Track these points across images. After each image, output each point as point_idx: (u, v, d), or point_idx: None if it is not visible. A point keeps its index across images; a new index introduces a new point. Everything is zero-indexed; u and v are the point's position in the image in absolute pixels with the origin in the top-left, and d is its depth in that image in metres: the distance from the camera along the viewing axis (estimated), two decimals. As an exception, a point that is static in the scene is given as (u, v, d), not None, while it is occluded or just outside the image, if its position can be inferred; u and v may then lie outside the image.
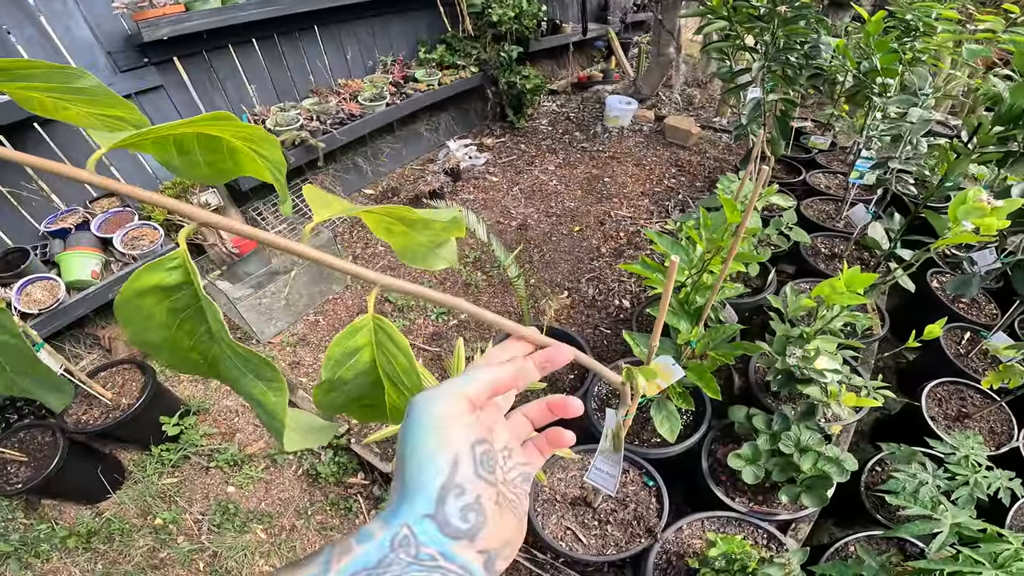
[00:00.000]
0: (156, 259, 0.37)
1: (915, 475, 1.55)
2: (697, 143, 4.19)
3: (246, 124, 0.40)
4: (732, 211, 1.20)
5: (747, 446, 1.64)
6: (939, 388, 2.06)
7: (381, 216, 0.48)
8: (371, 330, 0.43)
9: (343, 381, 0.45)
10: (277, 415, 0.39)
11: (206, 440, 2.20)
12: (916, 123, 2.18)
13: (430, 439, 0.34)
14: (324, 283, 2.78)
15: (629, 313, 2.70)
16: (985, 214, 1.23)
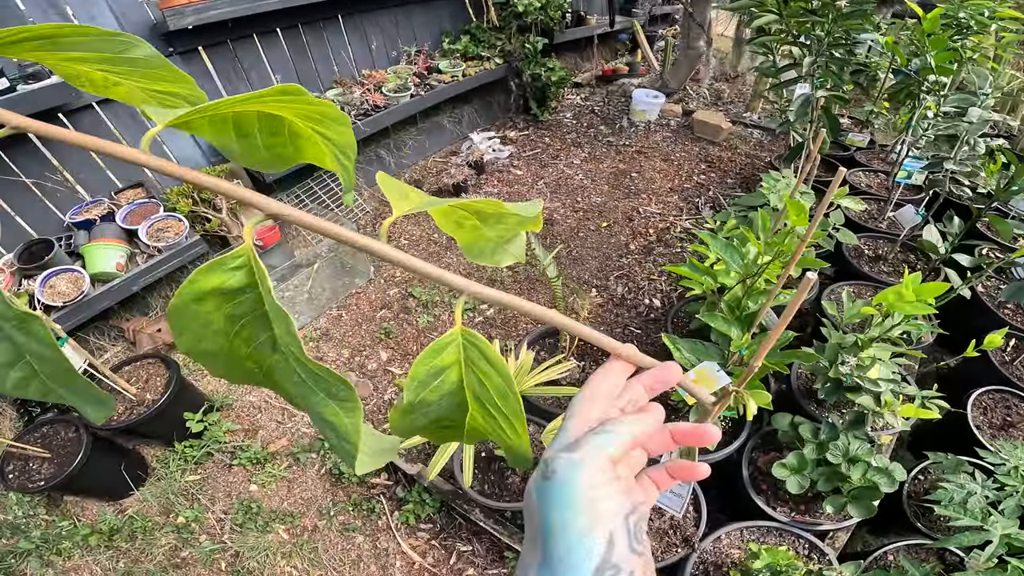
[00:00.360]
0: (218, 257, 0.31)
1: (963, 486, 1.50)
2: (727, 139, 4.07)
3: (315, 100, 0.35)
4: (798, 214, 1.11)
5: (792, 455, 1.58)
6: (984, 396, 1.98)
7: (455, 209, 0.43)
8: (460, 346, 0.39)
9: (426, 403, 0.41)
10: (350, 438, 0.35)
11: (229, 436, 2.16)
12: (975, 123, 2.06)
13: (580, 516, 0.31)
14: (347, 276, 2.73)
15: (660, 313, 2.62)
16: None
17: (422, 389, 0.40)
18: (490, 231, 0.46)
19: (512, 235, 0.48)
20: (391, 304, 2.71)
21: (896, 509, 1.73)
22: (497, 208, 0.43)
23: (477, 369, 0.39)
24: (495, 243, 0.47)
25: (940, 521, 1.70)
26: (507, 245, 0.48)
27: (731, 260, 1.29)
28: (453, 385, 0.40)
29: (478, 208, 0.43)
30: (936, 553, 1.61)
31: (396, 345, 2.52)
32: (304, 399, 0.36)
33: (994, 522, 1.27)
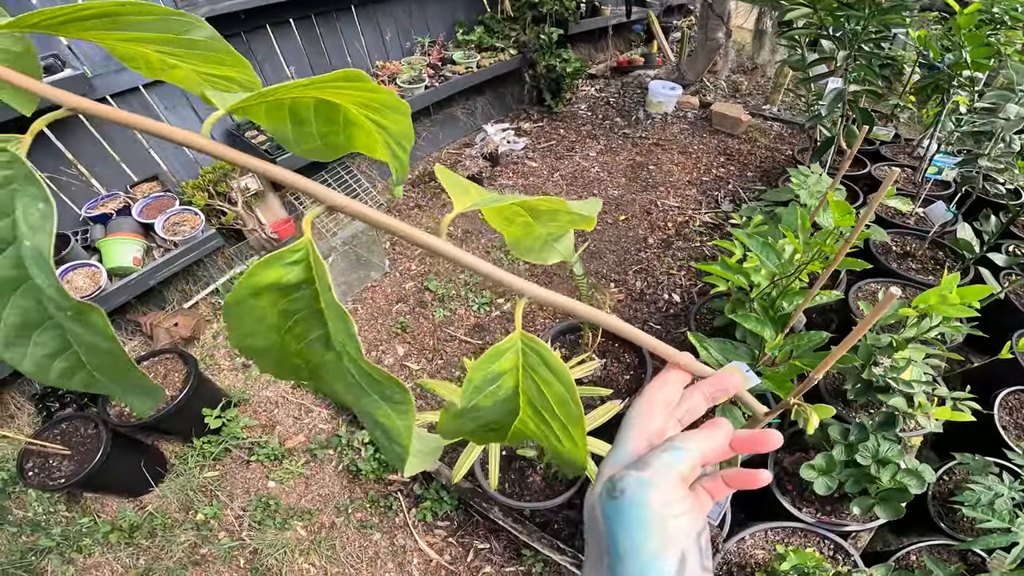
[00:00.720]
0: (277, 251, 0.30)
1: (990, 487, 1.48)
2: (747, 131, 3.99)
3: (376, 87, 0.33)
4: (843, 214, 1.06)
5: (820, 456, 1.54)
6: (1011, 397, 1.94)
7: (512, 206, 0.41)
8: (519, 352, 0.37)
9: (478, 408, 0.39)
10: (401, 440, 0.34)
11: (247, 432, 2.16)
12: (1012, 119, 1.99)
13: (652, 539, 0.30)
14: (362, 270, 2.70)
15: (679, 308, 2.57)
16: None
17: (477, 395, 0.38)
18: (541, 228, 0.45)
19: (561, 233, 0.47)
20: (407, 298, 2.68)
21: (919, 509, 1.70)
22: (554, 205, 0.41)
23: (537, 376, 0.37)
24: (544, 240, 0.46)
25: (963, 522, 1.68)
26: (555, 243, 0.47)
27: (767, 259, 1.24)
28: (508, 391, 0.39)
29: (534, 205, 0.41)
30: (959, 554, 1.59)
31: (413, 339, 2.50)
32: (356, 399, 0.35)
33: (1021, 524, 1.27)
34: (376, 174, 3.33)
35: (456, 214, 0.37)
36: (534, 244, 0.46)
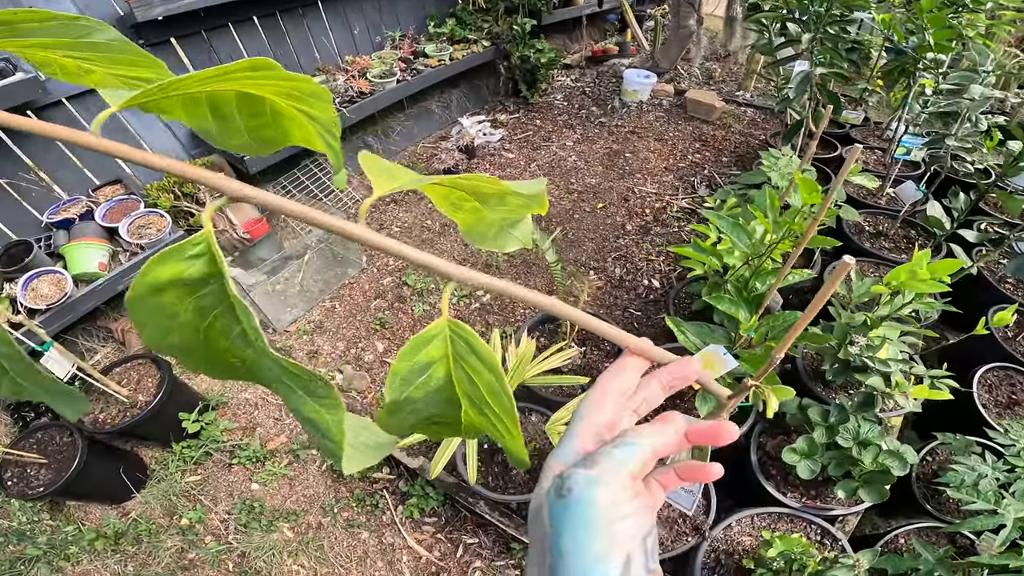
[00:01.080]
0: (172, 245, 0.28)
1: (974, 468, 1.47)
2: (721, 117, 4.02)
3: (289, 75, 0.32)
4: (811, 192, 1.07)
5: (802, 439, 1.54)
6: (989, 374, 1.94)
7: (450, 189, 0.40)
8: (447, 340, 0.35)
9: (412, 401, 0.37)
10: (333, 435, 0.33)
11: (227, 435, 2.12)
12: (977, 100, 2.03)
13: (597, 540, 0.29)
14: (339, 267, 2.66)
15: (659, 294, 2.59)
16: None
17: (406, 387, 0.36)
18: (492, 213, 0.43)
19: (517, 218, 0.44)
20: (385, 293, 2.66)
21: (904, 491, 1.70)
22: (496, 187, 0.39)
23: (466, 365, 0.36)
24: (498, 226, 0.43)
25: (949, 503, 1.67)
26: (512, 229, 0.44)
27: (737, 239, 1.25)
28: (440, 382, 0.37)
29: (475, 187, 0.39)
30: (947, 536, 1.58)
31: (392, 335, 2.47)
32: (285, 397, 0.34)
33: (1007, 505, 1.25)
34: (351, 170, 3.27)
35: (377, 197, 0.35)
36: (487, 231, 0.44)
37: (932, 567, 1.31)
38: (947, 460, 1.75)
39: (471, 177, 0.37)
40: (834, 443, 1.50)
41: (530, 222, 0.45)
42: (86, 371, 1.79)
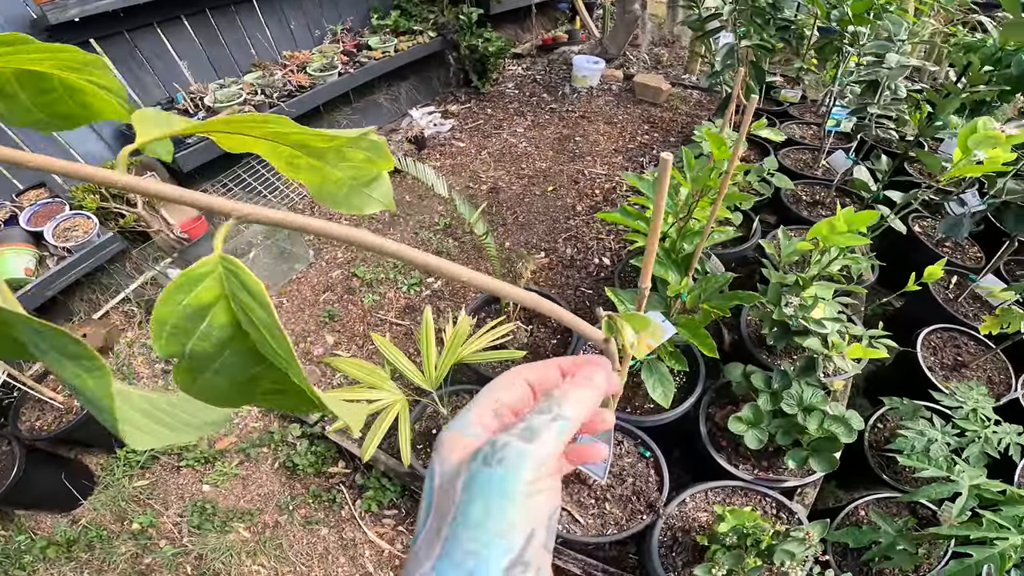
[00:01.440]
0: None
1: (923, 432, 1.45)
2: (668, 100, 4.09)
3: (50, 46, 0.31)
4: (719, 147, 1.09)
5: (747, 408, 1.51)
6: (933, 336, 1.97)
7: (276, 144, 0.36)
8: (220, 278, 0.30)
9: (205, 356, 0.31)
10: (101, 402, 0.27)
11: (172, 439, 2.05)
12: (894, 68, 2.11)
13: (509, 513, 0.28)
14: (286, 263, 2.60)
15: (610, 271, 2.62)
16: (999, 143, 1.14)
17: (184, 337, 0.30)
18: (336, 171, 0.40)
19: (368, 176, 0.42)
20: (334, 286, 2.61)
21: (862, 461, 1.68)
22: (327, 140, 0.36)
23: (243, 305, 0.30)
24: (348, 186, 0.41)
25: (906, 472, 1.65)
26: (366, 188, 0.42)
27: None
28: (228, 330, 0.31)
29: (302, 141, 0.36)
30: (908, 506, 1.55)
31: (342, 327, 2.43)
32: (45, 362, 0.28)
33: (960, 472, 1.21)
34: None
35: (140, 145, 0.32)
36: (338, 191, 0.41)
37: (893, 539, 1.28)
38: (898, 427, 1.69)
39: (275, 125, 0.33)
40: (780, 410, 1.47)
41: (388, 181, 0.43)
42: (17, 378, 1.73)
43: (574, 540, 1.49)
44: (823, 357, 1.46)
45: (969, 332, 1.99)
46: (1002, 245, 1.98)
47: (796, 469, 1.49)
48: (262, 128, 0.34)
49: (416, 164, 1.48)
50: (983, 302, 2.10)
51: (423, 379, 1.32)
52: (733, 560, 1.24)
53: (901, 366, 2.01)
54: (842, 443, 1.40)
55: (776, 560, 1.19)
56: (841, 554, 1.49)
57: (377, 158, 0.40)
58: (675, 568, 1.44)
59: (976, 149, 1.15)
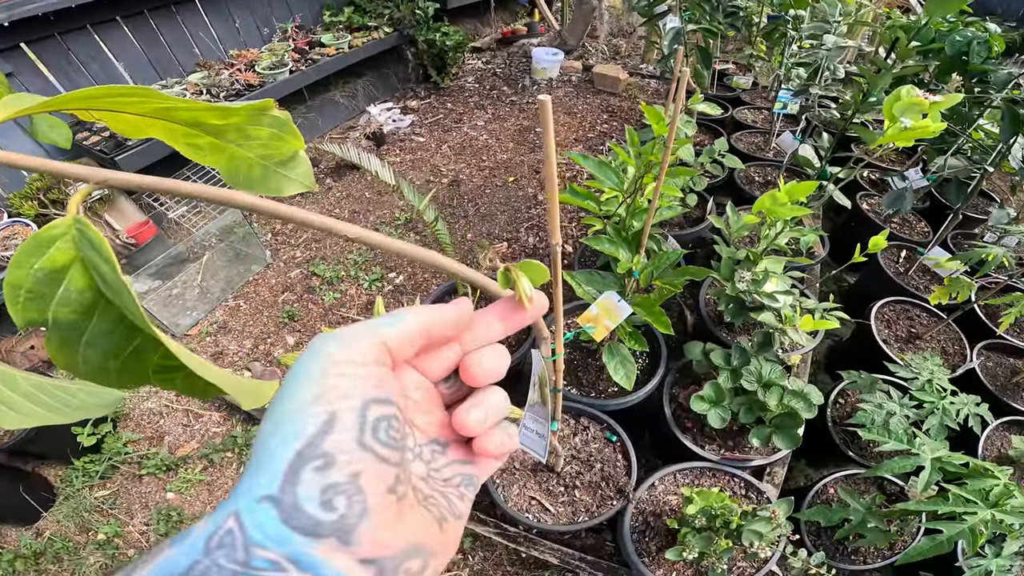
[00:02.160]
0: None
1: (881, 405, 1.45)
2: (626, 89, 4.14)
3: None
4: (658, 122, 1.11)
5: (708, 386, 1.51)
6: (886, 308, 2.01)
7: (159, 123, 0.33)
8: (74, 240, 0.28)
9: (70, 325, 0.29)
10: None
11: (131, 447, 2.00)
12: (832, 49, 2.19)
13: (307, 388, 0.23)
14: (242, 264, 2.54)
15: (572, 258, 2.64)
16: (923, 109, 1.18)
17: (40, 303, 0.28)
18: (243, 151, 0.37)
19: (282, 156, 0.39)
20: (293, 286, 2.56)
21: (827, 438, 1.69)
22: (221, 115, 0.34)
23: (92, 263, 0.28)
24: (261, 167, 0.38)
25: (870, 447, 1.65)
26: (282, 169, 0.39)
27: (605, 177, 1.28)
28: (89, 294, 0.29)
29: (191, 117, 0.33)
30: (875, 482, 1.55)
31: (303, 327, 2.39)
32: None
33: (921, 445, 1.20)
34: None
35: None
36: (251, 173, 0.38)
37: (863, 516, 1.28)
38: (858, 401, 1.70)
39: (164, 98, 0.31)
40: (740, 388, 1.47)
41: (306, 161, 0.40)
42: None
43: (547, 530, 1.48)
44: (778, 332, 1.48)
45: (921, 304, 2.04)
46: (947, 220, 2.04)
47: (761, 447, 1.48)
48: (142, 103, 0.32)
49: (361, 153, 1.46)
50: (932, 274, 2.17)
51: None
52: (703, 543, 1.23)
53: (858, 340, 2.05)
54: (803, 419, 1.39)
55: (744, 540, 1.18)
56: (815, 533, 1.50)
57: (285, 135, 0.38)
58: (649, 553, 1.43)
59: (902, 117, 1.20)
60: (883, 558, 1.47)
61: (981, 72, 1.73)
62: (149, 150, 2.47)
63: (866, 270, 2.28)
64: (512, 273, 0.41)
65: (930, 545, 1.09)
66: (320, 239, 2.79)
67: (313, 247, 2.74)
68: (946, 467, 1.19)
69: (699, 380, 1.73)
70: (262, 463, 0.22)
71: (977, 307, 2.02)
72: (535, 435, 0.79)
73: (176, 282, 2.28)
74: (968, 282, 1.71)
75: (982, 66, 1.70)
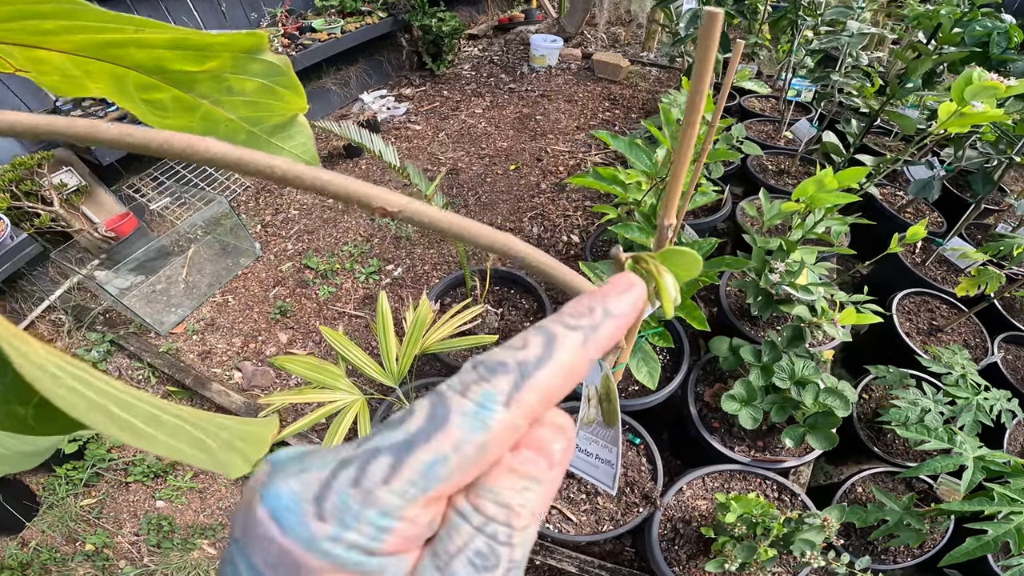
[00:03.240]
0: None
1: (916, 402, 1.39)
2: (627, 77, 4.03)
3: None
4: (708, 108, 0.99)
5: (739, 384, 1.41)
6: (906, 300, 1.95)
7: (104, 67, 0.23)
8: None
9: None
10: None
11: (116, 452, 1.88)
12: (855, 36, 2.09)
13: None
14: (230, 258, 2.39)
15: (579, 248, 2.53)
16: (998, 94, 1.09)
17: None
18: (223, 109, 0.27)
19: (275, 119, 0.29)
20: (285, 280, 2.42)
21: (849, 434, 1.62)
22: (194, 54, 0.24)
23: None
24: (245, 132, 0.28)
25: (896, 444, 1.61)
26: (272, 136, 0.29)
27: (637, 159, 1.16)
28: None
29: (151, 60, 0.23)
30: (904, 482, 1.51)
31: (296, 324, 2.25)
32: None
33: (962, 443, 1.16)
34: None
35: None
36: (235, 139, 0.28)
37: (900, 516, 1.24)
38: (884, 397, 1.69)
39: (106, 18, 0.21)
40: (772, 386, 1.39)
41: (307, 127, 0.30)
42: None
43: (567, 540, 1.38)
44: (811, 326, 1.39)
45: (940, 296, 1.98)
46: (958, 211, 2.00)
47: (794, 448, 1.40)
48: (73, 33, 0.21)
49: (362, 132, 1.33)
50: (950, 265, 2.11)
51: (383, 374, 1.17)
52: (746, 552, 1.13)
53: (877, 333, 1.98)
54: (839, 418, 1.31)
55: (796, 551, 1.09)
56: (843, 534, 1.44)
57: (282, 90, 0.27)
58: (679, 562, 1.33)
59: (974, 100, 1.10)
60: (912, 557, 1.43)
61: (1001, 62, 1.70)
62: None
63: (882, 262, 2.21)
64: (651, 266, 0.28)
65: (976, 545, 1.05)
66: (313, 230, 2.64)
67: (306, 239, 2.59)
68: (989, 466, 1.14)
69: (724, 377, 1.64)
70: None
71: (996, 300, 1.95)
72: (595, 460, 0.62)
73: (160, 277, 2.13)
74: (997, 273, 1.66)
75: (1003, 56, 1.68)
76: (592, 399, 0.60)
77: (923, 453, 1.59)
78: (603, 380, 0.58)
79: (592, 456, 0.61)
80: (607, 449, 0.60)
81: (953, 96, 1.13)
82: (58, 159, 2.26)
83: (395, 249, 2.59)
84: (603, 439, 0.60)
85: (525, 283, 1.89)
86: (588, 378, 0.59)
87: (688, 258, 0.28)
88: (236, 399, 1.92)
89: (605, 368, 0.55)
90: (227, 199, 2.29)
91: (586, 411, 0.61)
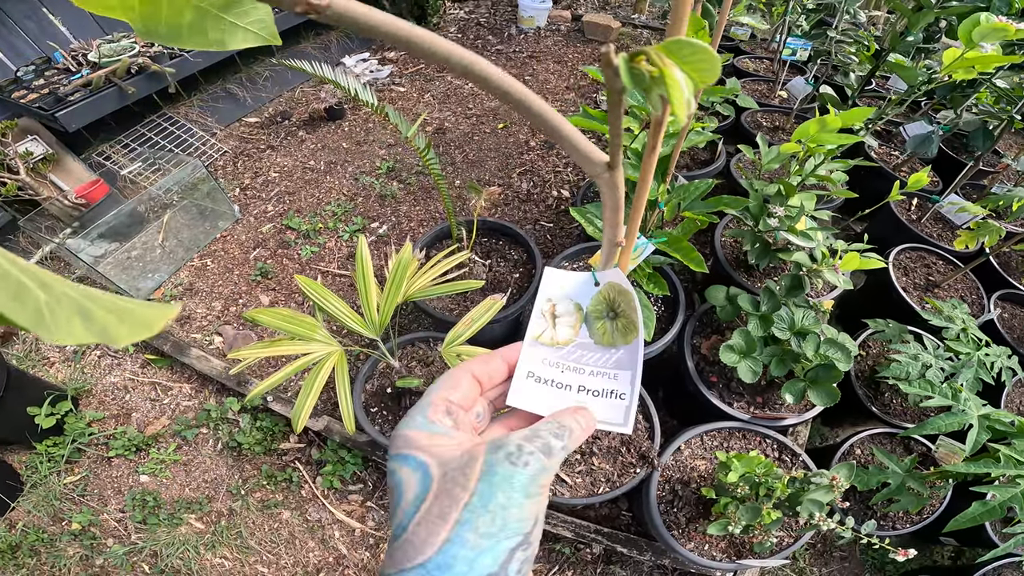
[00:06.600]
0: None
1: (917, 356, 1.34)
2: (618, 38, 3.92)
3: None
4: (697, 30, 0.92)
5: (737, 334, 1.34)
6: (902, 255, 1.93)
7: None
8: None
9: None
10: None
11: (96, 427, 1.81)
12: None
13: (529, 505, 0.31)
14: (208, 221, 2.30)
15: (570, 203, 2.48)
16: (1008, 36, 1.04)
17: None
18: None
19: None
20: (266, 242, 2.34)
21: (846, 393, 1.56)
22: None
23: None
24: (193, 8, 0.25)
25: (894, 404, 1.56)
26: (227, 14, 0.26)
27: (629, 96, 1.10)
28: None
29: None
30: (903, 444, 1.47)
31: (278, 285, 2.18)
32: None
33: (967, 401, 1.11)
34: (212, 121, 2.85)
35: None
36: (179, 17, 0.25)
37: (902, 479, 1.20)
38: (881, 354, 1.66)
39: None
40: (771, 336, 1.33)
41: (266, 8, 0.27)
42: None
43: (562, 503, 1.33)
44: (811, 273, 1.34)
45: (936, 252, 1.96)
46: (952, 172, 1.99)
47: (794, 404, 1.33)
48: None
49: (344, 75, 1.25)
50: (945, 222, 2.10)
51: (364, 324, 1.11)
52: (750, 514, 1.09)
53: (872, 289, 1.97)
54: (841, 372, 1.26)
55: (803, 512, 1.04)
56: (843, 498, 1.43)
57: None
58: (678, 525, 1.30)
59: (982, 41, 1.05)
60: (911, 524, 1.40)
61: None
62: (95, 104, 2.19)
63: (878, 217, 2.18)
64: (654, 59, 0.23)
65: (982, 510, 1.00)
66: (294, 191, 2.55)
67: (287, 199, 2.51)
68: (994, 425, 1.09)
69: (720, 329, 1.60)
70: (491, 549, 0.29)
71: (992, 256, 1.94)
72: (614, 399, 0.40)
73: (135, 243, 2.04)
74: (997, 227, 1.62)
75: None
76: (568, 316, 0.46)
77: (922, 413, 1.56)
78: (607, 290, 0.46)
79: (574, 388, 0.42)
80: (608, 377, 0.43)
81: (960, 37, 1.07)
82: (22, 128, 2.15)
83: (380, 207, 2.51)
84: (600, 364, 0.44)
85: (515, 234, 1.81)
86: (552, 292, 0.47)
87: (700, 52, 0.22)
88: (216, 364, 1.86)
89: (611, 276, 0.45)
90: (205, 164, 2.19)
91: (545, 328, 0.46)
